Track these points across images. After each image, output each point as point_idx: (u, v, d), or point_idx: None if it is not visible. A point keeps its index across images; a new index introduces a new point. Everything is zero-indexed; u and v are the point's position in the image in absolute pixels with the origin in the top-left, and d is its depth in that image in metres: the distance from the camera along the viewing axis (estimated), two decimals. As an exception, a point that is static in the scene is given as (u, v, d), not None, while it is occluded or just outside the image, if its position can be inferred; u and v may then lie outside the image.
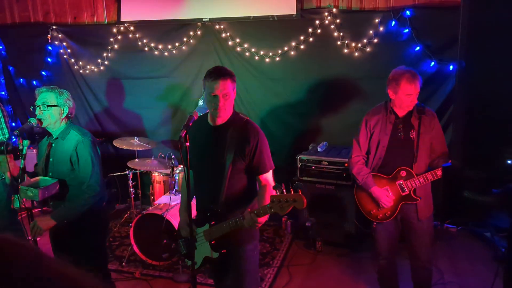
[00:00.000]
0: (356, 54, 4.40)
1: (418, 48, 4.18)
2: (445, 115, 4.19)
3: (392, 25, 4.22)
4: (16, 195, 2.53)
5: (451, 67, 4.13)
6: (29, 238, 2.70)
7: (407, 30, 4.18)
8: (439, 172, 2.78)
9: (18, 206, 2.53)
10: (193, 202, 2.65)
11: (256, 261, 2.60)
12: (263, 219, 2.27)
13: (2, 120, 3.61)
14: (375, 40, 4.31)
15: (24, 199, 2.51)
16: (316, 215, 4.29)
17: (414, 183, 2.86)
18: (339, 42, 4.43)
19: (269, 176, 2.48)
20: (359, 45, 4.37)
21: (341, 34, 4.41)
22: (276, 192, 2.15)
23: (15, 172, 2.59)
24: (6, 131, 3.59)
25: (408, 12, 4.14)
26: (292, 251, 4.33)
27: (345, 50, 4.43)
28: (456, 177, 2.70)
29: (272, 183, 2.46)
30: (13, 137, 2.65)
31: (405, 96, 2.78)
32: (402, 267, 3.26)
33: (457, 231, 4.56)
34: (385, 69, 4.14)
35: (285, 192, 2.13)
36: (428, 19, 4.16)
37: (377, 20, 4.26)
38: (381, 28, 4.26)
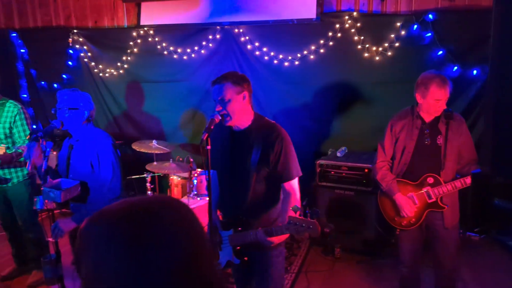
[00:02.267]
0: (377, 58, 4.35)
1: (440, 52, 4.10)
2: (468, 120, 4.10)
3: (414, 29, 4.16)
4: (38, 197, 2.54)
5: (474, 71, 4.05)
6: (49, 239, 2.71)
7: (429, 34, 4.12)
8: (468, 180, 2.70)
9: (40, 207, 2.54)
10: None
11: (281, 267, 2.56)
12: (276, 239, 2.23)
13: (25, 122, 3.66)
14: (397, 44, 4.25)
15: (46, 200, 2.51)
16: (334, 221, 4.22)
17: (441, 190, 2.78)
18: (359, 46, 4.38)
19: (294, 183, 2.41)
20: (380, 49, 4.31)
21: (362, 38, 4.36)
22: (295, 213, 2.10)
23: (38, 162, 2.59)
24: (28, 133, 3.63)
25: (430, 16, 4.07)
26: (310, 257, 4.27)
27: (366, 54, 4.38)
28: (485, 184, 2.62)
29: (297, 192, 2.41)
30: (53, 123, 2.66)
31: (433, 101, 2.71)
32: (425, 275, 3.18)
33: (480, 239, 4.45)
34: (407, 74, 4.13)
35: (302, 216, 2.07)
36: (451, 23, 4.08)
37: (398, 24, 4.20)
38: (403, 32, 4.20)
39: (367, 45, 4.36)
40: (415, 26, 4.15)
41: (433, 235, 2.92)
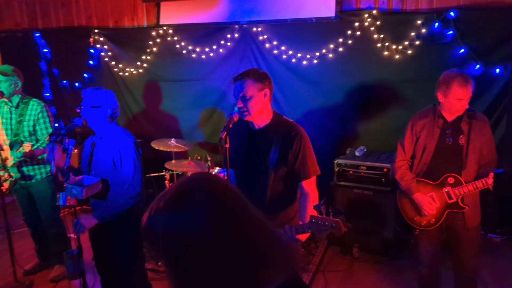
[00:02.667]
0: (397, 56, 4.30)
1: (462, 50, 4.03)
2: (491, 120, 4.02)
3: (435, 26, 4.09)
4: (61, 193, 2.60)
5: (497, 70, 3.97)
6: (71, 235, 2.77)
7: (451, 32, 4.05)
8: (490, 180, 2.65)
9: (63, 204, 2.60)
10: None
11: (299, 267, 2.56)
12: (303, 237, 2.19)
13: (47, 120, 3.75)
14: (417, 43, 4.19)
15: (68, 197, 2.57)
16: (352, 221, 4.17)
17: (462, 190, 2.74)
18: (379, 45, 4.34)
19: (312, 182, 2.41)
20: (400, 47, 4.26)
21: (381, 36, 4.32)
22: (316, 212, 2.08)
23: (61, 163, 2.65)
24: (50, 131, 3.71)
25: (452, 13, 4.01)
26: (327, 256, 4.25)
27: (385, 53, 4.34)
28: (508, 184, 2.57)
29: (315, 191, 2.40)
30: (75, 120, 2.72)
31: (455, 100, 2.67)
32: (445, 276, 3.14)
33: (502, 241, 4.36)
34: (428, 73, 4.08)
35: (324, 215, 2.05)
36: (474, 21, 4.00)
37: (419, 22, 4.15)
38: (424, 30, 4.15)
39: (386, 44, 4.31)
40: (436, 24, 4.09)
41: (454, 236, 2.87)
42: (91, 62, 5.67)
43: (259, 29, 4.82)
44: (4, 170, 3.64)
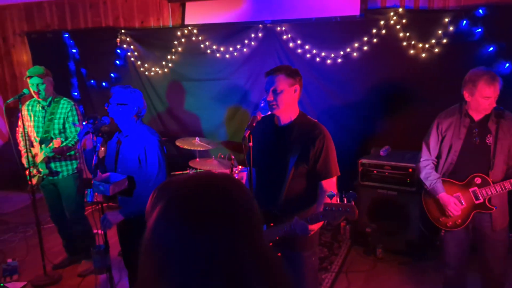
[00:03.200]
0: (423, 55, 4.23)
1: (491, 48, 3.94)
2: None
3: (463, 24, 4.01)
4: (89, 189, 2.67)
5: (528, 68, 3.87)
6: (96, 231, 2.84)
7: (479, 30, 3.96)
8: None
9: (90, 200, 2.67)
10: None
11: (314, 268, 2.54)
12: (315, 227, 2.21)
13: (76, 118, 3.87)
14: (444, 41, 4.11)
15: (96, 193, 2.63)
16: (376, 221, 4.16)
17: (489, 191, 2.68)
18: (404, 43, 4.28)
19: (332, 182, 2.41)
20: (427, 46, 4.19)
21: (407, 34, 4.25)
22: (330, 200, 2.10)
23: (88, 144, 2.73)
24: (79, 129, 3.81)
25: (481, 11, 3.92)
26: (350, 257, 4.23)
27: (411, 52, 4.27)
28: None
29: (335, 191, 2.40)
30: (104, 118, 2.80)
31: (482, 98, 2.61)
32: (472, 279, 3.07)
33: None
34: (455, 71, 3.97)
35: (338, 201, 2.07)
36: (503, 18, 3.90)
37: (446, 20, 4.07)
38: (451, 28, 4.06)
39: (412, 42, 4.25)
40: (464, 22, 4.01)
41: (481, 237, 2.81)
42: (117, 62, 5.78)
43: (283, 28, 4.82)
44: (33, 166, 3.77)
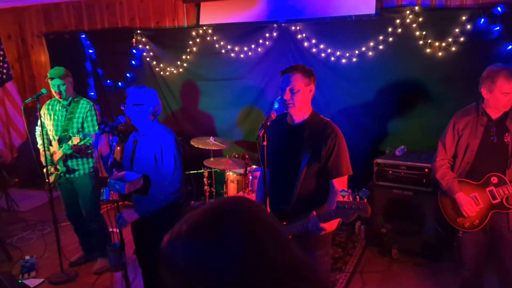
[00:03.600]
0: (440, 54, 4.17)
1: (510, 47, 3.87)
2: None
3: (481, 22, 3.95)
4: (104, 188, 2.70)
5: (548, 67, 3.78)
6: (112, 229, 2.87)
7: (498, 28, 3.89)
8: None
9: (106, 198, 2.71)
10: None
11: (327, 268, 2.54)
12: (328, 225, 2.19)
13: (95, 118, 3.95)
14: (462, 39, 4.05)
15: (111, 192, 2.66)
16: (392, 221, 4.12)
17: (507, 190, 2.63)
18: (421, 42, 4.23)
19: (343, 181, 2.40)
20: (443, 44, 4.14)
21: (424, 33, 4.20)
22: (343, 198, 2.09)
23: (104, 150, 2.77)
24: (97, 128, 3.87)
25: (499, 8, 3.85)
26: (365, 257, 4.19)
27: (428, 50, 4.22)
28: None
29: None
30: (119, 118, 2.84)
31: (501, 95, 2.56)
32: (489, 281, 3.03)
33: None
34: (472, 70, 3.91)
35: (351, 199, 2.06)
36: (523, 16, 3.84)
37: (464, 18, 4.01)
38: (469, 26, 4.00)
39: (429, 41, 4.20)
40: (482, 20, 3.94)
41: (498, 238, 2.77)
42: (133, 62, 5.84)
43: (298, 27, 4.80)
44: (51, 164, 3.83)
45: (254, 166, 4.65)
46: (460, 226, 2.84)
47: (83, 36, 6.10)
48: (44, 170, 3.82)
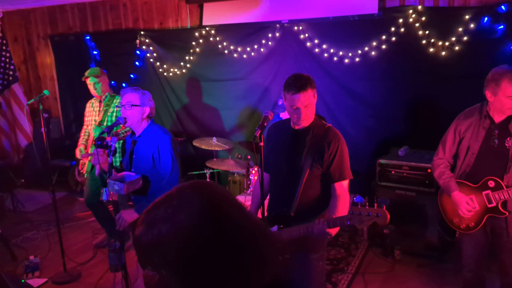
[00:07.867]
0: (443, 53, 4.14)
1: (514, 46, 3.83)
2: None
3: (485, 21, 3.91)
4: (104, 188, 2.71)
5: (553, 66, 3.73)
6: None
7: (502, 27, 3.85)
8: None
9: (105, 199, 2.72)
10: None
11: (322, 271, 2.53)
12: (334, 231, 2.21)
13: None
14: (465, 38, 4.02)
15: (111, 192, 2.68)
16: (394, 222, 4.08)
17: (502, 195, 2.59)
18: (424, 41, 4.20)
19: (344, 185, 2.40)
20: (447, 43, 4.10)
21: (427, 32, 4.17)
22: (358, 205, 2.09)
23: (105, 167, 2.80)
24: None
25: (503, 7, 3.81)
26: (368, 258, 4.17)
27: (431, 50, 4.19)
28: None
29: (347, 194, 2.38)
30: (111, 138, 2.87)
31: (506, 98, 2.50)
32: (491, 281, 2.99)
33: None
34: (476, 69, 3.88)
35: (367, 206, 2.06)
36: (527, 14, 3.79)
37: (467, 17, 3.97)
38: (472, 25, 3.97)
39: (432, 40, 4.17)
40: (486, 19, 3.91)
41: (498, 241, 2.73)
42: (137, 63, 5.86)
43: (301, 27, 4.80)
44: (86, 155, 4.08)
45: (257, 167, 4.64)
46: (456, 227, 2.81)
47: (88, 37, 6.15)
48: (81, 161, 4.17)
